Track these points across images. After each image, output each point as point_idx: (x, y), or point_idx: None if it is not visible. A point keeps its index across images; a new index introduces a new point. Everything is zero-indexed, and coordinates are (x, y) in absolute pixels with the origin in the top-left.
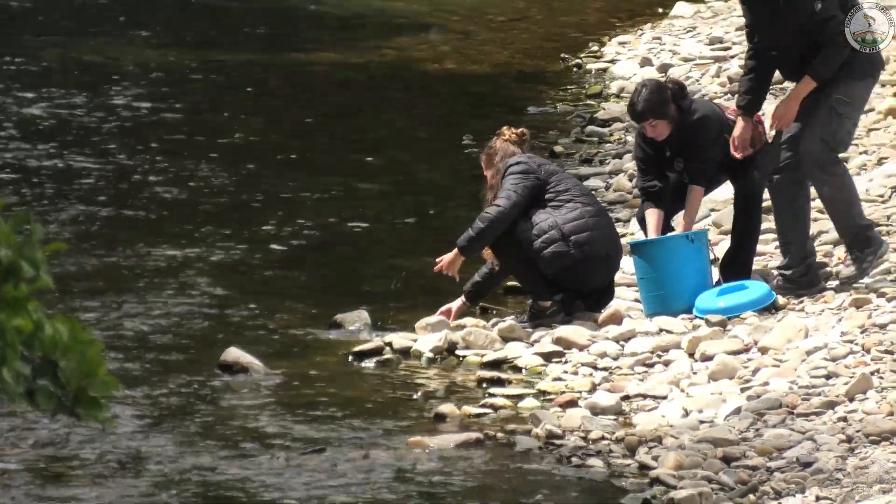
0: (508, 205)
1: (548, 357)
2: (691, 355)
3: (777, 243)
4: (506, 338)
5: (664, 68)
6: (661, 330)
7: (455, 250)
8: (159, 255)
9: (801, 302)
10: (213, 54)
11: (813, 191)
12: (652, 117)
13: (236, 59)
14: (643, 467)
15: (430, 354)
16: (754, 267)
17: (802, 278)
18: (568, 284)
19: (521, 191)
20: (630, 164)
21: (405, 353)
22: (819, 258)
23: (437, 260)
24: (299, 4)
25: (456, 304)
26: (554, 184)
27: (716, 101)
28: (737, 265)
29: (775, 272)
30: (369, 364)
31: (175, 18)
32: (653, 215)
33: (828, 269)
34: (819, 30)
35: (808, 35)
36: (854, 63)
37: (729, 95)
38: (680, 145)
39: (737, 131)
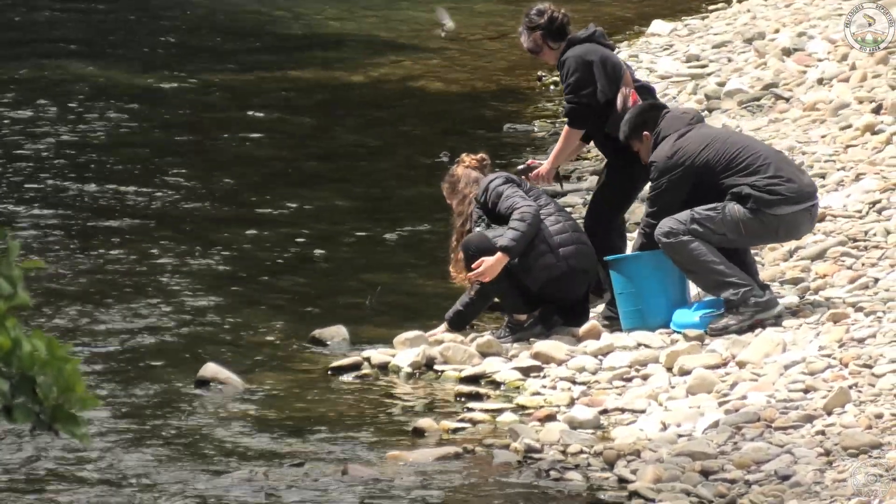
0: (533, 203)
1: (526, 372)
2: (669, 369)
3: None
4: (484, 353)
5: None
6: (639, 344)
7: (498, 254)
8: (137, 270)
9: (779, 316)
10: (193, 73)
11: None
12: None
13: (215, 78)
14: (622, 481)
15: (409, 369)
16: None
17: (761, 301)
18: (548, 297)
19: (524, 195)
20: None
21: (384, 367)
22: (797, 273)
23: (475, 266)
24: (279, 24)
25: (438, 331)
26: (533, 197)
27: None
28: None
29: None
30: (348, 379)
31: (154, 39)
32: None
33: (804, 284)
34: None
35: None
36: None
37: (706, 112)
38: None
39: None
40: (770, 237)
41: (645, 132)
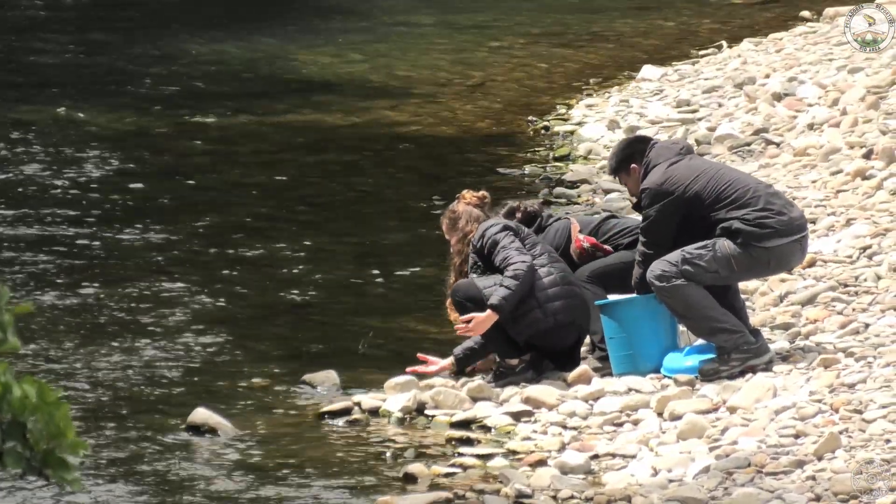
0: (528, 258)
1: (517, 416)
2: (660, 414)
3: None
4: (475, 397)
5: (631, 131)
6: (629, 389)
7: (488, 311)
8: (126, 314)
9: (770, 361)
10: (185, 116)
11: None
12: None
13: (208, 121)
14: None
15: (400, 414)
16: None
17: (752, 346)
18: (536, 346)
19: (521, 247)
20: None
21: (374, 412)
22: (787, 318)
23: (463, 319)
24: (270, 68)
25: (443, 363)
26: (529, 246)
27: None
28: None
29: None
30: (339, 423)
31: (146, 81)
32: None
33: (795, 329)
34: None
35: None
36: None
37: None
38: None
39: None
40: (762, 270)
41: (633, 164)
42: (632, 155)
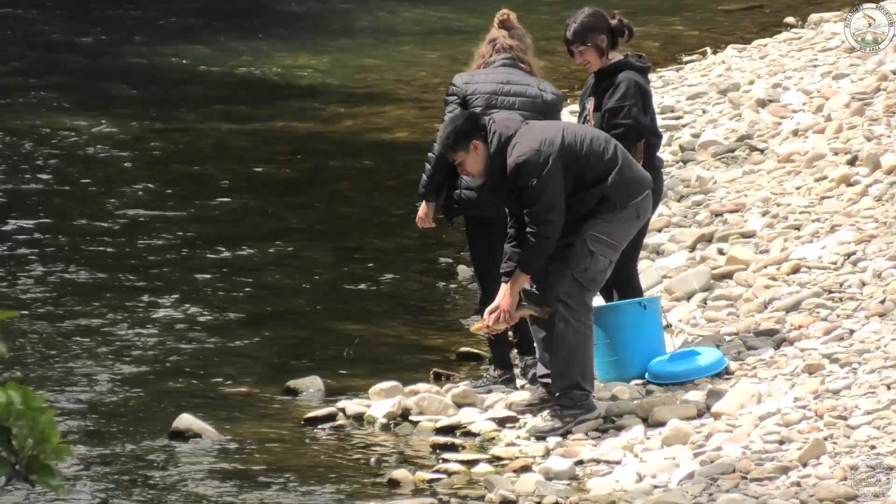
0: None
1: (501, 422)
2: (644, 420)
3: (729, 310)
4: (459, 403)
5: None
6: (614, 395)
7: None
8: (110, 321)
9: (754, 368)
10: (170, 121)
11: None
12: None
13: (192, 126)
14: None
15: (384, 420)
16: (706, 333)
17: (586, 402)
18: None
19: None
20: None
21: (359, 418)
22: (772, 325)
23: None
24: (254, 73)
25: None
26: None
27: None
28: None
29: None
30: (323, 429)
31: (132, 86)
32: None
33: (780, 335)
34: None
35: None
36: (612, 198)
37: (681, 164)
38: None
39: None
40: (634, 226)
41: (475, 140)
42: (471, 130)
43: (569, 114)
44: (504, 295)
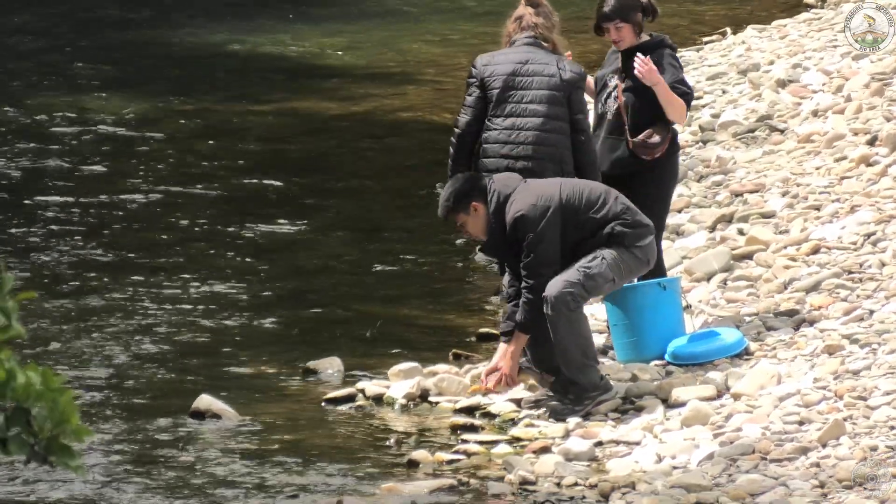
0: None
1: (521, 403)
2: (664, 401)
3: (748, 290)
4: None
5: None
6: (634, 376)
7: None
8: (130, 301)
9: (774, 349)
10: (184, 102)
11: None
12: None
13: (208, 106)
14: None
15: (403, 401)
16: (726, 314)
17: (602, 382)
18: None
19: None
20: None
21: (378, 399)
22: (791, 305)
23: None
24: (271, 54)
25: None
26: None
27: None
28: None
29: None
30: (342, 410)
31: (142, 66)
32: None
33: (799, 316)
34: None
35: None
36: (620, 238)
37: (701, 144)
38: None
39: None
40: (641, 269)
41: (474, 202)
42: (471, 191)
43: None
44: (505, 357)
